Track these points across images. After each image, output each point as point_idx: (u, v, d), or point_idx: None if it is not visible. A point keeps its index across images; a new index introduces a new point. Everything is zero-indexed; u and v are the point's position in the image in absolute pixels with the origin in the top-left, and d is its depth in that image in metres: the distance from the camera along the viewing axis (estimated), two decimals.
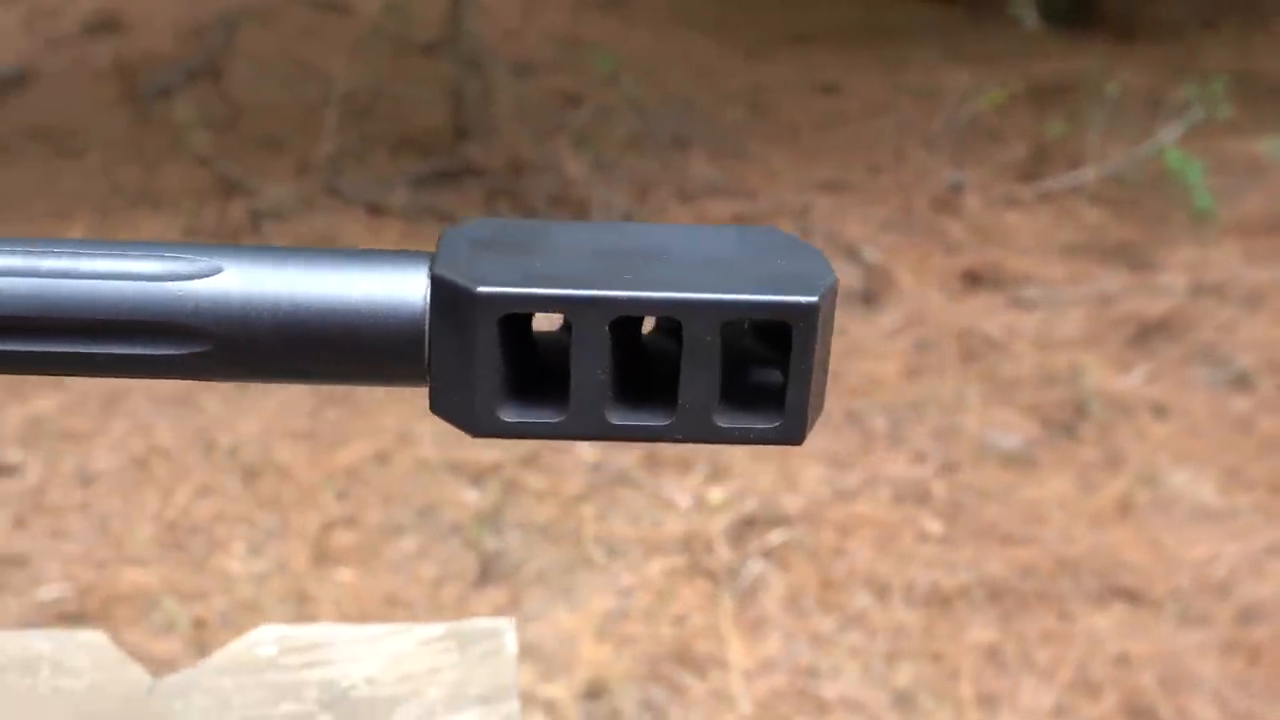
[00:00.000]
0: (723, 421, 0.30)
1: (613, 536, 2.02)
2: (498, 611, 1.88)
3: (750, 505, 2.07)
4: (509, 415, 0.30)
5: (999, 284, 2.75)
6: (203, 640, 1.78)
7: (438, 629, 0.52)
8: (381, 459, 2.17)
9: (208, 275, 0.29)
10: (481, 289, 0.28)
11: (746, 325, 0.31)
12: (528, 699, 1.73)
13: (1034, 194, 3.12)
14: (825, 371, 0.31)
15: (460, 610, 1.89)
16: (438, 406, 0.32)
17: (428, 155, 3.12)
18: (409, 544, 2.00)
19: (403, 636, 0.52)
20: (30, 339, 0.29)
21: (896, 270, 2.80)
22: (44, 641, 0.56)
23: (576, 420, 0.29)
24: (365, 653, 0.52)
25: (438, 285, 0.29)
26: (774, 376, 0.31)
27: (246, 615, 1.85)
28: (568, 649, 1.81)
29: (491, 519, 2.04)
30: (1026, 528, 2.04)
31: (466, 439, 1.84)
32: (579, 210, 2.94)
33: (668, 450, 2.21)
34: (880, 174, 3.24)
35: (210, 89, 3.40)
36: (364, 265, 0.30)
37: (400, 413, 2.26)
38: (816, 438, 2.23)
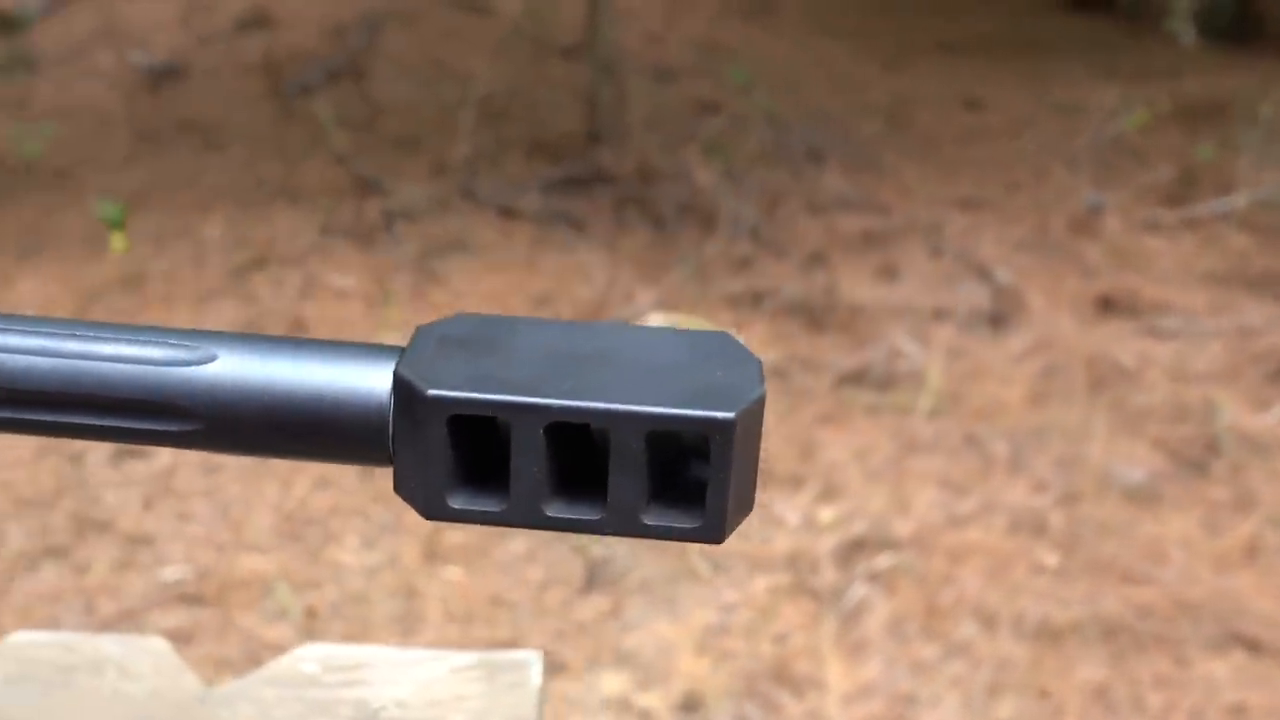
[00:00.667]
0: (648, 519, 0.32)
1: (719, 551, 2.01)
2: (600, 618, 1.90)
3: (860, 527, 2.05)
4: (456, 503, 0.33)
5: (1135, 311, 2.66)
6: (313, 629, 1.83)
7: (470, 658, 0.54)
8: None
9: (204, 363, 0.33)
10: (431, 391, 0.31)
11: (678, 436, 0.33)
12: (622, 707, 1.74)
13: (1178, 219, 3.01)
14: (753, 474, 0.33)
15: (564, 615, 1.91)
16: (399, 488, 0.34)
17: (561, 160, 3.15)
18: (518, 547, 2.03)
19: (437, 663, 0.53)
20: (47, 410, 0.33)
21: (1028, 292, 2.73)
22: (113, 645, 0.58)
23: (516, 511, 0.32)
24: (400, 676, 0.53)
25: (398, 382, 0.32)
26: (699, 477, 0.33)
27: (355, 607, 1.89)
28: (666, 659, 1.81)
29: None
30: (1146, 566, 1.98)
31: None
32: (707, 220, 2.94)
33: (780, 466, 2.20)
34: (1018, 192, 3.17)
35: (351, 88, 3.49)
36: (340, 359, 0.34)
37: None
38: (933, 460, 2.20)
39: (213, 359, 0.33)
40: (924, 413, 2.33)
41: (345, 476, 2.13)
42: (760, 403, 0.33)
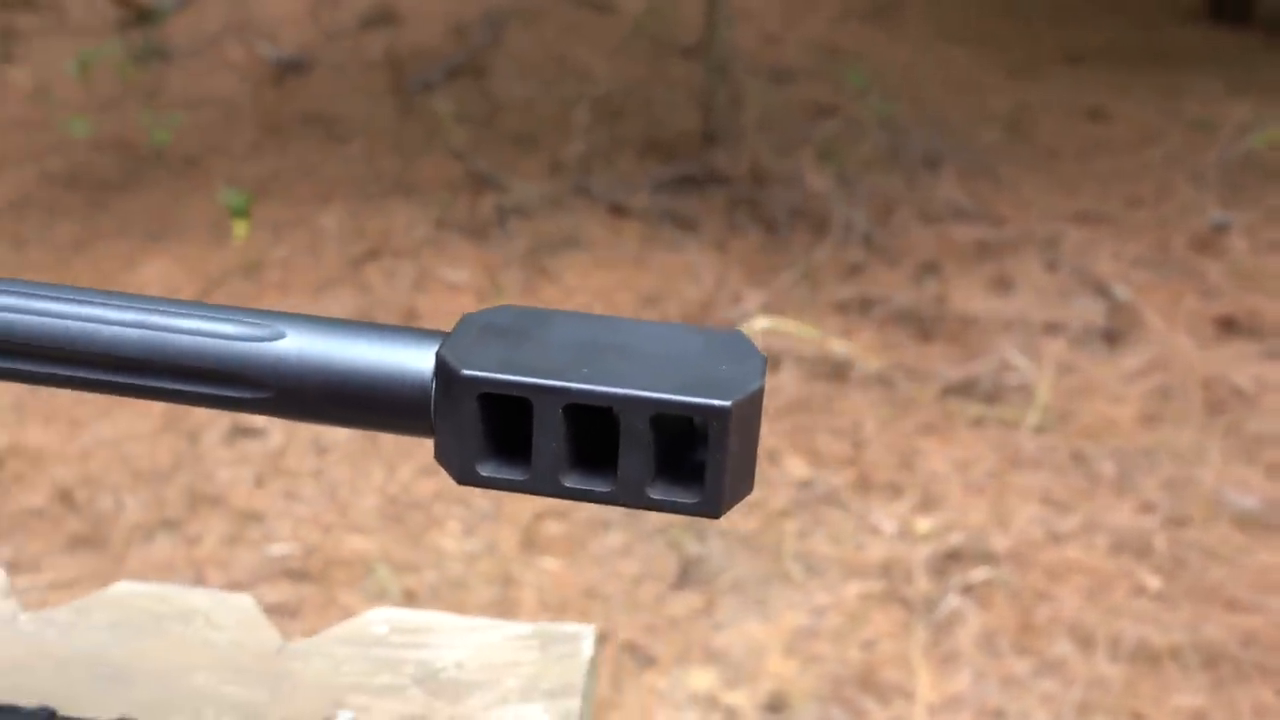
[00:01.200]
0: (654, 494, 0.35)
1: (813, 554, 2.01)
2: (691, 615, 1.91)
3: (956, 539, 2.03)
4: (485, 471, 0.36)
5: (1256, 333, 2.59)
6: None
7: (526, 628, 0.56)
8: None
9: (275, 339, 0.38)
10: (465, 371, 0.35)
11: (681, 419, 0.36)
12: (709, 703, 1.75)
13: None
14: (752, 458, 0.36)
15: (656, 610, 1.92)
16: (438, 456, 0.38)
17: (674, 160, 3.17)
18: (615, 540, 2.05)
19: (495, 631, 0.56)
20: (141, 375, 0.38)
21: (1145, 310, 2.67)
22: (203, 598, 0.61)
23: (537, 481, 0.36)
24: (460, 641, 0.56)
25: (439, 363, 0.36)
26: (700, 459, 0.36)
27: (453, 591, 1.93)
28: (754, 659, 1.82)
29: (697, 524, 2.06)
30: (1254, 594, 1.92)
31: None
32: (819, 225, 2.93)
33: (880, 474, 2.18)
34: (1140, 208, 3.11)
35: (472, 85, 3.55)
36: (392, 341, 0.38)
37: None
38: (1037, 476, 2.17)
39: (282, 336, 0.38)
40: (1030, 428, 2.30)
41: None
42: (758, 395, 0.35)
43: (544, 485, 0.36)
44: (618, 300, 2.65)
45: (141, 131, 3.21)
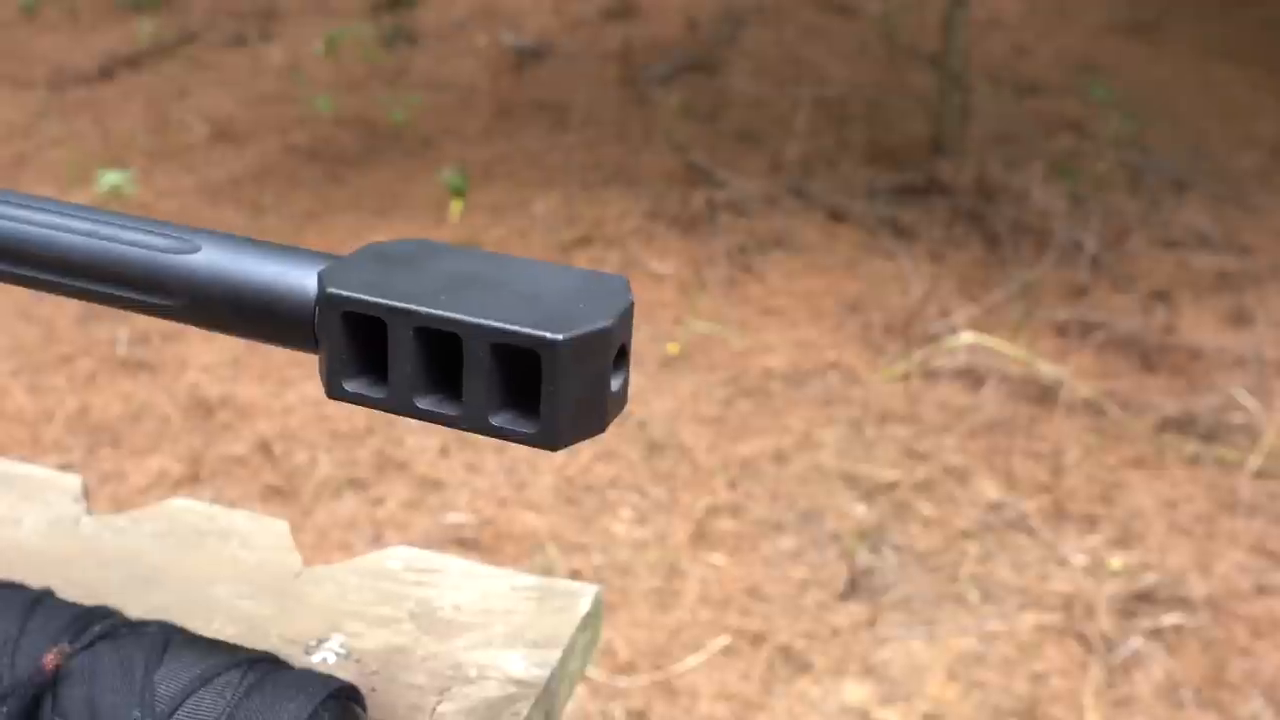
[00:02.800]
0: (495, 421, 0.37)
1: (991, 579, 1.92)
2: (855, 627, 1.85)
3: (1150, 579, 1.91)
4: (350, 387, 0.38)
5: None
6: None
7: (532, 580, 0.55)
8: (779, 457, 2.19)
9: (191, 252, 0.40)
10: (330, 289, 0.37)
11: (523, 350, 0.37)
12: (860, 717, 1.70)
13: None
14: (599, 399, 0.37)
15: (818, 617, 1.88)
16: (320, 372, 0.39)
17: (898, 167, 3.09)
18: (786, 543, 2.01)
19: (501, 580, 0.55)
20: (69, 275, 0.42)
21: None
22: (245, 521, 0.63)
23: (393, 400, 0.37)
24: (466, 585, 0.55)
25: (319, 282, 0.38)
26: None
27: (618, 576, 1.94)
28: (914, 679, 1.75)
29: (872, 535, 2.00)
30: None
31: (873, 454, 1.82)
32: (1043, 242, 2.81)
33: (1076, 504, 2.07)
34: None
35: (702, 80, 3.55)
36: (291, 260, 0.40)
37: (809, 417, 2.27)
38: (1251, 523, 2.01)
39: (197, 250, 0.41)
40: (1251, 471, 2.14)
41: (630, 450, 2.18)
42: (601, 336, 0.36)
43: (399, 404, 0.37)
44: (821, 304, 2.61)
45: (382, 110, 3.35)
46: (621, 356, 0.38)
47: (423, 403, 0.37)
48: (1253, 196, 3.07)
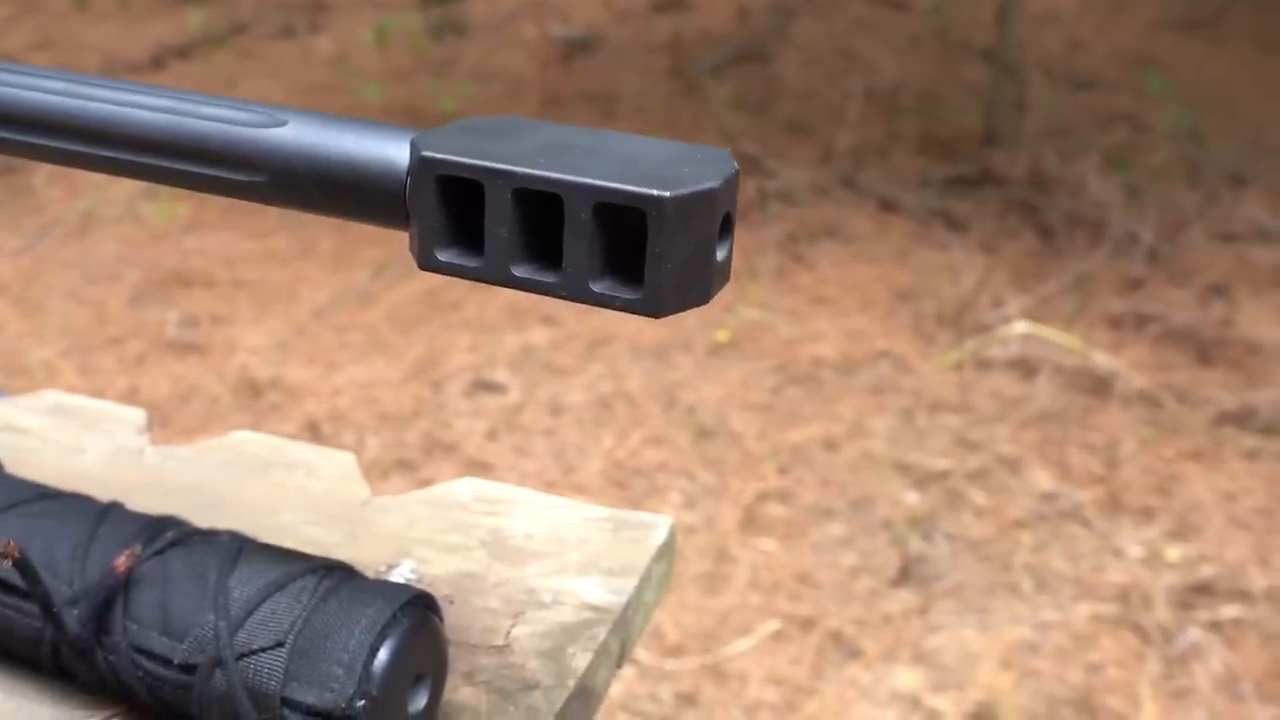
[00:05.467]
0: (597, 287, 0.35)
1: (1045, 569, 1.89)
2: (906, 614, 1.83)
3: (1209, 571, 1.87)
4: (444, 256, 0.37)
5: None
6: None
7: (604, 511, 0.54)
8: (830, 444, 2.17)
9: (276, 126, 0.39)
10: (425, 153, 0.36)
11: (627, 211, 0.35)
12: (912, 704, 1.67)
13: None
14: (705, 266, 0.35)
15: (869, 604, 1.85)
16: (411, 246, 0.38)
17: (951, 159, 3.06)
18: (836, 530, 1.99)
19: (572, 511, 0.54)
20: (153, 155, 0.40)
21: None
22: (309, 453, 0.62)
23: (489, 268, 0.36)
24: (536, 515, 0.54)
25: (411, 150, 0.37)
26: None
27: None
28: (967, 667, 1.72)
29: (924, 523, 1.98)
30: None
31: (925, 443, 1.79)
32: (1097, 234, 2.77)
33: (1132, 496, 2.04)
34: None
35: (753, 71, 3.53)
36: (380, 132, 0.39)
37: (860, 405, 2.25)
38: None
39: (283, 124, 0.39)
40: None
41: (679, 435, 2.16)
42: (707, 197, 0.35)
43: (495, 273, 0.36)
44: (872, 294, 2.58)
45: (430, 100, 3.35)
46: (727, 226, 0.36)
47: (519, 270, 0.36)
48: None
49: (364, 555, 0.53)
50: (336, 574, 0.44)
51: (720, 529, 1.98)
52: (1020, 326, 2.42)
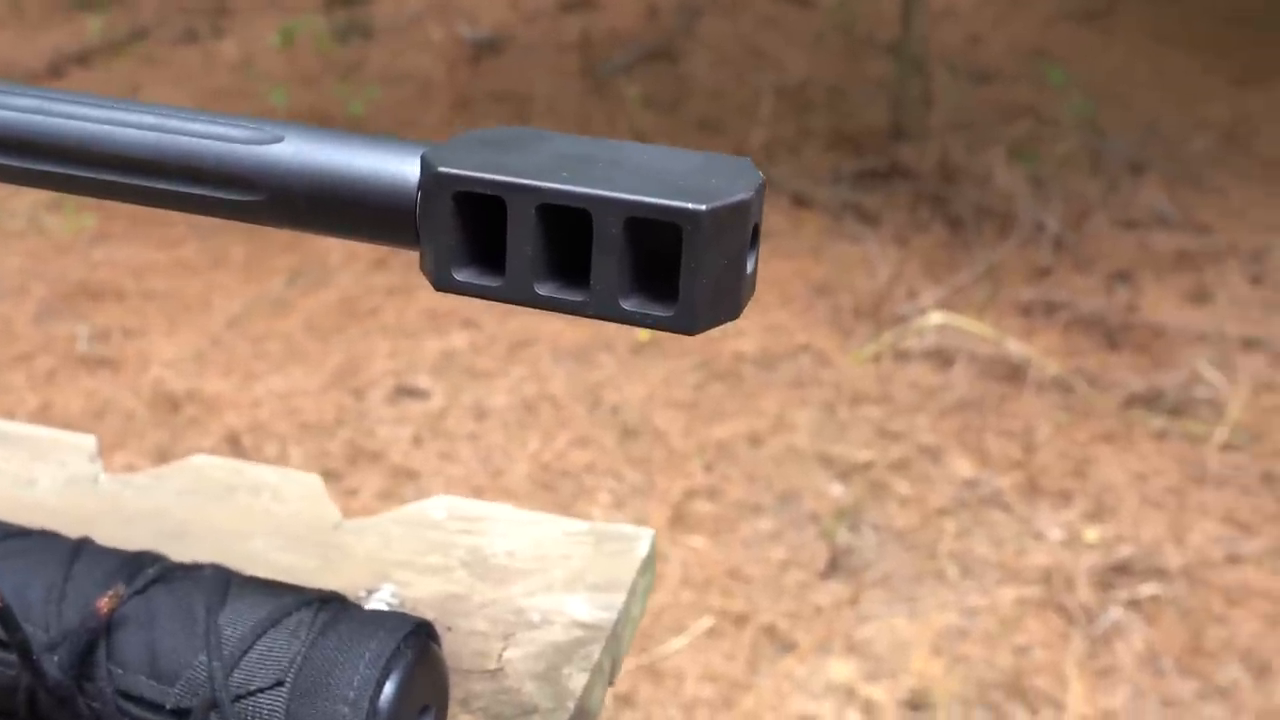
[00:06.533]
0: (627, 305, 0.34)
1: (970, 555, 1.93)
2: (837, 605, 1.85)
3: (1126, 551, 1.92)
4: (461, 276, 0.36)
5: None
6: None
7: (583, 525, 0.54)
8: (754, 439, 2.18)
9: (272, 143, 0.37)
10: (441, 168, 0.35)
11: (665, 226, 0.34)
12: (847, 695, 1.70)
13: None
14: (737, 279, 0.35)
15: (801, 597, 1.87)
16: (421, 265, 0.37)
17: (860, 153, 3.10)
18: (764, 524, 2.01)
19: (551, 526, 0.54)
20: (140, 176, 0.38)
21: None
22: (273, 475, 0.61)
23: (511, 288, 0.35)
24: (515, 531, 0.54)
25: (423, 166, 0.36)
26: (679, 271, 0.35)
27: None
28: (899, 655, 1.75)
29: (850, 515, 2.00)
30: None
31: (847, 435, 1.81)
32: (1006, 225, 2.83)
33: (1049, 480, 2.08)
34: None
35: (662, 70, 3.55)
36: (385, 147, 0.37)
37: (782, 399, 2.27)
38: (1221, 494, 2.04)
39: (279, 140, 0.37)
40: (1217, 444, 2.17)
41: (605, 436, 2.17)
42: (740, 209, 0.34)
43: (517, 293, 0.35)
44: (790, 289, 2.61)
45: (338, 104, 3.31)
46: (754, 237, 0.35)
47: (544, 289, 0.35)
48: (1208, 177, 3.11)
49: (341, 581, 0.53)
50: (332, 606, 0.43)
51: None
52: (935, 317, 2.46)
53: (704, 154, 0.37)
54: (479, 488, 2.04)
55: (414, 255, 0.37)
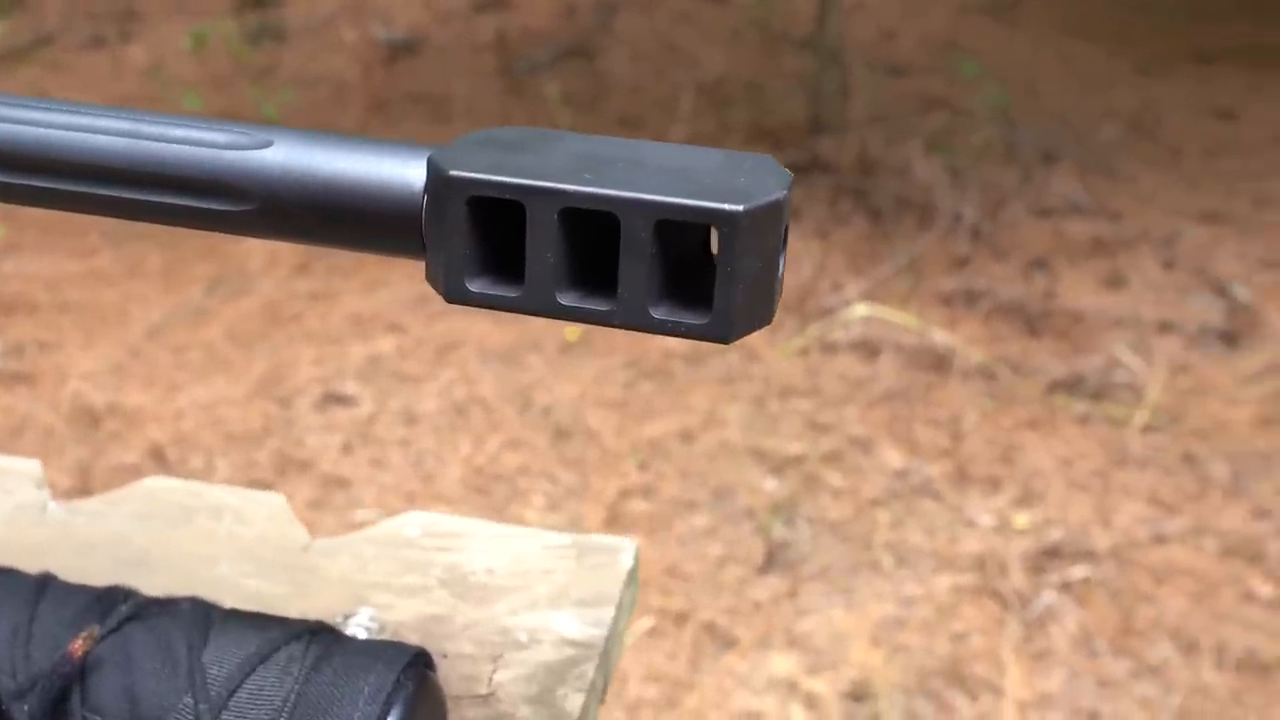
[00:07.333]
0: (657, 313, 0.32)
1: (904, 545, 1.95)
2: (775, 600, 1.86)
3: (1056, 535, 1.96)
4: (475, 286, 0.34)
5: None
6: None
7: (564, 538, 0.53)
8: (687, 436, 2.19)
9: (261, 147, 0.35)
10: (454, 172, 0.32)
11: (692, 230, 0.33)
12: (789, 689, 1.70)
13: None
14: (770, 284, 0.33)
15: (739, 593, 1.88)
16: (429, 275, 0.35)
17: (780, 148, 3.12)
18: (700, 521, 2.01)
19: (530, 540, 0.53)
20: (120, 186, 0.36)
21: (1267, 312, 2.56)
22: (233, 496, 0.60)
23: (530, 297, 0.33)
24: (493, 547, 0.53)
25: (430, 168, 0.34)
26: (712, 277, 0.33)
27: None
28: (839, 647, 1.76)
29: (785, 509, 2.02)
30: None
31: (778, 428, 1.82)
32: (925, 216, 2.86)
33: (978, 467, 2.11)
34: (1267, 208, 2.98)
35: (580, 68, 3.54)
36: (385, 150, 0.35)
37: (712, 395, 2.28)
38: (1144, 476, 2.08)
39: (269, 145, 0.35)
40: (1139, 427, 2.21)
41: (537, 437, 2.15)
42: (776, 209, 0.32)
43: (538, 303, 0.33)
44: None
45: (252, 108, 3.26)
46: (784, 236, 0.34)
47: (566, 299, 0.33)
48: (1117, 164, 3.17)
49: (316, 606, 0.51)
50: (323, 638, 0.42)
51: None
52: (860, 309, 2.48)
53: (724, 152, 0.35)
54: (411, 494, 2.02)
55: (340, 259, 0.35)
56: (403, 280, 2.55)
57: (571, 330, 2.43)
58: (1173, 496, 2.05)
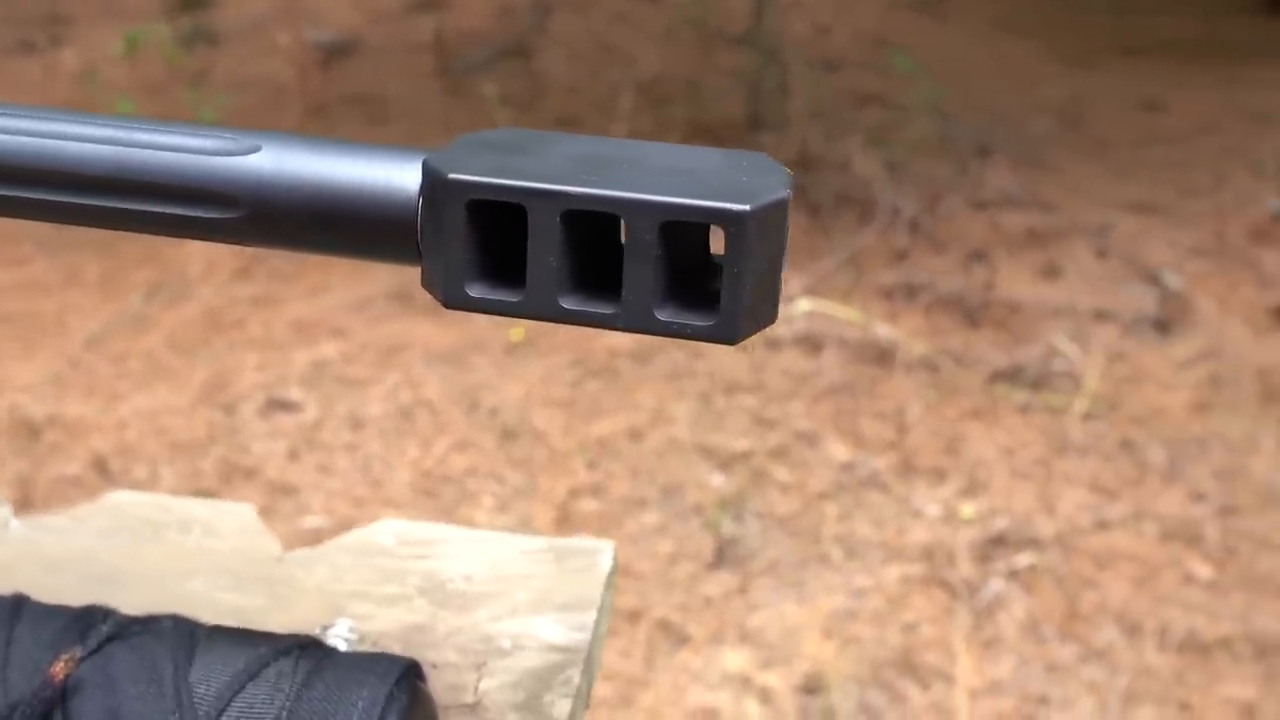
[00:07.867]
0: (662, 316, 0.32)
1: (853, 537, 1.97)
2: (727, 595, 1.88)
3: (1001, 524, 1.99)
4: (475, 291, 0.33)
5: None
6: None
7: (541, 542, 0.53)
8: (635, 434, 2.19)
9: (249, 153, 0.34)
10: (452, 175, 0.32)
11: (693, 230, 0.33)
12: (743, 684, 1.72)
13: None
14: (774, 284, 0.33)
15: (690, 589, 1.89)
16: (425, 281, 0.34)
17: (720, 144, 3.13)
18: (650, 519, 2.02)
19: (507, 545, 0.53)
20: (104, 196, 0.35)
21: (1198, 299, 2.61)
22: (202, 508, 0.59)
23: (532, 302, 0.32)
24: (470, 553, 0.53)
25: (426, 171, 0.33)
26: (716, 278, 0.33)
27: None
28: (791, 641, 1.78)
29: (734, 505, 2.03)
30: None
31: (725, 424, 1.83)
32: (865, 211, 2.89)
33: (923, 458, 2.14)
34: (1195, 197, 3.04)
35: (518, 68, 3.53)
36: (377, 154, 0.35)
37: (659, 392, 2.29)
38: (1084, 463, 2.12)
39: (257, 150, 0.34)
40: (1078, 415, 2.25)
41: (485, 439, 2.15)
42: (781, 207, 0.32)
43: (540, 307, 0.32)
44: None
45: (187, 112, 3.22)
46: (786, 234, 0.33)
47: (569, 302, 0.32)
48: (1049, 157, 3.23)
49: (294, 618, 0.51)
50: (312, 652, 0.41)
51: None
52: (803, 304, 2.50)
53: (722, 151, 0.35)
54: (360, 499, 2.01)
55: (281, 263, 0.35)
56: (345, 285, 2.54)
57: (516, 330, 2.43)
58: (1113, 483, 2.09)
